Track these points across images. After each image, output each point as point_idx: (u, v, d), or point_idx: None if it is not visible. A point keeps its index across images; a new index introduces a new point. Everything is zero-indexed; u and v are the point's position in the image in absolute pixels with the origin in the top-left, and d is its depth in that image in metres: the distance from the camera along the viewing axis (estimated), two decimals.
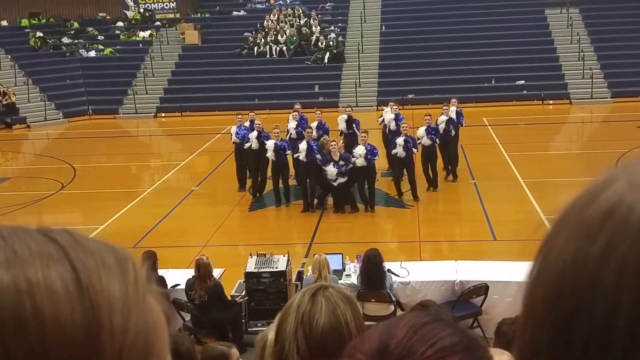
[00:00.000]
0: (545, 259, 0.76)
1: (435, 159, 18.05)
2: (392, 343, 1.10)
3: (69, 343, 0.71)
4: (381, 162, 18.32)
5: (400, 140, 17.04)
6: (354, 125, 19.09)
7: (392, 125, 18.72)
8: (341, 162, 16.49)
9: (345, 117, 19.44)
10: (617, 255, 0.68)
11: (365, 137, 16.83)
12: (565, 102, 30.83)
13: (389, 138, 18.60)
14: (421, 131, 17.81)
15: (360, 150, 16.48)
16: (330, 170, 16.43)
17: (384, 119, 19.38)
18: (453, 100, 19.51)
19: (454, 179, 18.86)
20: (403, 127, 17.62)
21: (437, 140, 17.85)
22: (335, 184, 16.57)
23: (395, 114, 18.89)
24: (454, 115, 18.75)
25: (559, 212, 0.77)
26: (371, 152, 16.47)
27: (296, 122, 19.11)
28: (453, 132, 18.57)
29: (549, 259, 0.75)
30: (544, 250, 0.77)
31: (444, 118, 18.50)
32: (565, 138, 26.04)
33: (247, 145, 18.14)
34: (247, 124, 18.99)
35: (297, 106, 20.26)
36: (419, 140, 17.62)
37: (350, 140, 18.47)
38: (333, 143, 16.83)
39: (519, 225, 14.16)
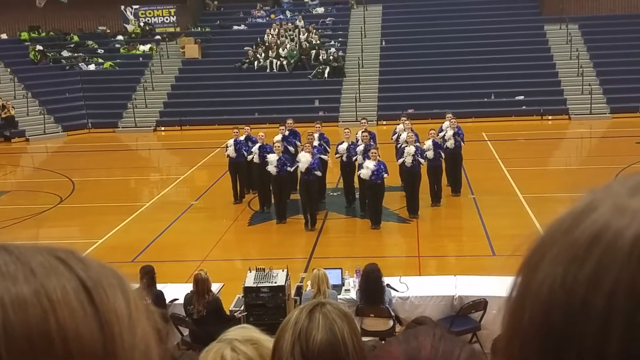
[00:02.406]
0: (530, 280, 0.75)
1: (440, 174, 18.04)
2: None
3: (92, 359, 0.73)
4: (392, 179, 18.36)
5: (410, 150, 16.96)
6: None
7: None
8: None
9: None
10: (608, 280, 0.68)
11: (376, 153, 16.50)
12: (564, 118, 30.89)
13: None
14: (428, 144, 17.65)
15: (370, 165, 16.28)
16: (369, 165, 16.22)
17: (398, 135, 18.99)
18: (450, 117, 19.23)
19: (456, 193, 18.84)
20: (410, 138, 17.39)
21: (442, 155, 17.83)
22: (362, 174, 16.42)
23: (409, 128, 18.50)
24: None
25: (542, 231, 0.77)
26: (377, 171, 16.21)
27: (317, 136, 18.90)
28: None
29: (535, 280, 0.74)
30: (527, 270, 0.76)
31: (429, 144, 17.94)
32: (564, 153, 26.06)
33: (249, 157, 18.14)
34: (242, 138, 19.12)
35: (289, 121, 19.95)
36: (425, 154, 17.45)
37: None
38: (374, 151, 16.58)
39: (518, 240, 14.11)
